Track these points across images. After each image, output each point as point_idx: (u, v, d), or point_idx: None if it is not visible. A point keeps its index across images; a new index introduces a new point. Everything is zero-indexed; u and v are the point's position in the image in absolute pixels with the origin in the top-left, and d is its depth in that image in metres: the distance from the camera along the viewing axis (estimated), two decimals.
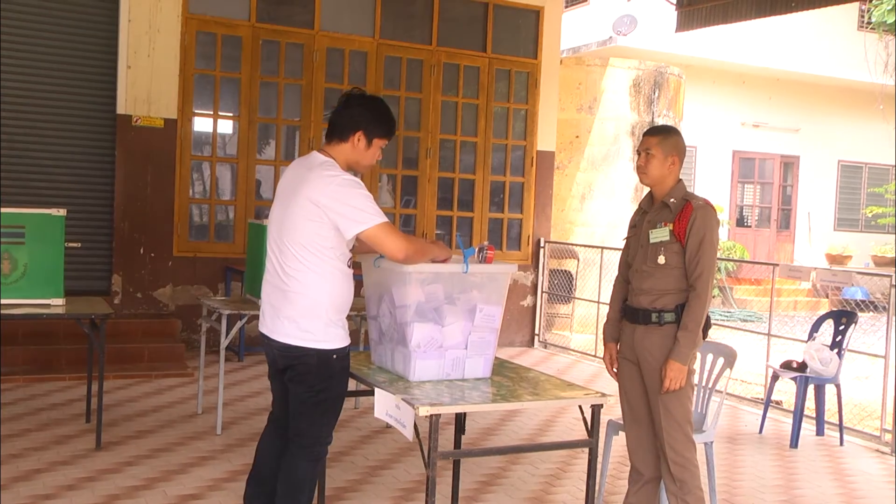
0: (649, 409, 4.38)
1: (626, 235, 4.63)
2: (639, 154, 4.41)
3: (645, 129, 5.20)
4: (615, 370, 4.56)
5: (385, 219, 3.86)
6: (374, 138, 4.02)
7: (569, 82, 12.52)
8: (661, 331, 4.28)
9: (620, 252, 4.67)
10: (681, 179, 4.39)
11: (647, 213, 4.42)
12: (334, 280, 3.89)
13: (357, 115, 3.98)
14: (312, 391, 3.95)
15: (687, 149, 4.49)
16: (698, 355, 4.67)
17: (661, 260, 4.26)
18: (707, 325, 4.33)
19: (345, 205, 3.80)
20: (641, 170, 4.39)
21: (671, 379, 4.17)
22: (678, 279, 4.25)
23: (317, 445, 4.05)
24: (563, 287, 11.62)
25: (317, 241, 3.84)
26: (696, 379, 4.77)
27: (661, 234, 4.28)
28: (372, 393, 3.89)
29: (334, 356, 3.92)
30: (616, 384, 4.56)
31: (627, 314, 4.45)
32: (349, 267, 3.97)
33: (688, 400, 4.32)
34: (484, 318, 4.06)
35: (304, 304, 3.88)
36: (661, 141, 4.34)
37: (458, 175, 10.91)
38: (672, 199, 4.30)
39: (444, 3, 10.65)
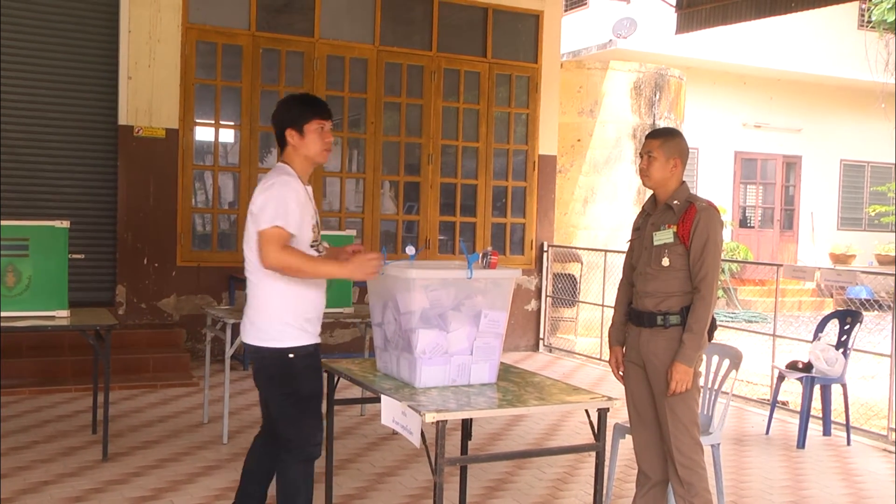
0: (656, 412, 4.37)
1: (629, 238, 4.63)
2: (641, 157, 4.42)
3: (647, 132, 5.21)
4: (621, 373, 4.56)
5: (278, 224, 3.87)
6: (303, 125, 4.05)
7: (569, 86, 12.53)
8: (666, 333, 4.28)
9: (624, 255, 4.67)
10: (684, 181, 4.39)
11: (651, 216, 4.42)
12: (286, 281, 3.95)
13: (278, 119, 4.11)
14: (282, 393, 4.02)
15: (689, 150, 4.49)
16: (704, 357, 4.66)
17: (666, 262, 4.26)
18: (713, 327, 4.33)
19: (260, 203, 3.95)
20: (644, 172, 4.39)
21: (677, 381, 4.17)
22: (683, 281, 4.25)
23: (306, 447, 4.07)
24: (567, 291, 11.62)
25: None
26: (701, 381, 4.76)
27: (664, 237, 4.28)
28: (378, 400, 3.89)
29: (290, 355, 3.97)
30: (622, 387, 4.56)
31: (632, 317, 4.45)
32: None
33: (694, 402, 4.31)
34: (489, 324, 4.05)
35: (258, 305, 4.02)
36: (662, 144, 4.34)
37: (461, 180, 10.92)
38: (675, 202, 4.30)
39: (443, 9, 10.67)
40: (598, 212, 12.74)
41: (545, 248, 11.30)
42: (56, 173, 9.19)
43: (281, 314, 3.96)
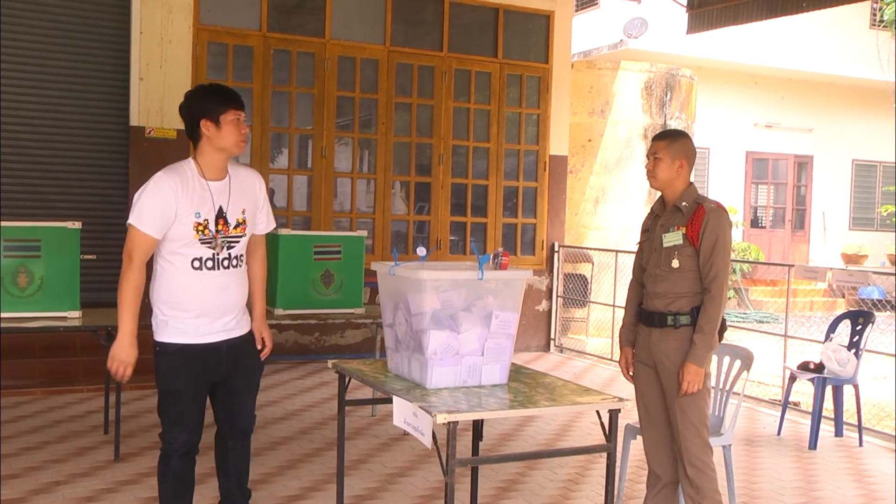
0: (666, 412, 4.38)
1: (639, 240, 4.63)
2: (648, 158, 4.44)
3: (653, 132, 5.23)
4: (631, 374, 4.57)
5: (132, 220, 3.91)
6: (219, 116, 4.01)
7: (580, 86, 12.52)
8: (676, 334, 4.28)
9: (634, 255, 4.68)
10: (692, 183, 4.41)
11: (660, 217, 4.42)
12: (163, 275, 4.01)
13: (189, 109, 4.04)
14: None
15: (700, 150, 4.49)
16: (714, 358, 4.66)
17: (675, 264, 4.27)
18: (723, 328, 4.33)
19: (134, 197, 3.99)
20: (650, 174, 4.42)
21: (688, 382, 4.18)
22: (692, 282, 4.26)
23: (165, 442, 4.15)
24: (578, 291, 11.61)
25: None
26: (712, 382, 4.75)
27: (674, 238, 4.29)
28: (389, 401, 3.89)
29: (157, 349, 4.03)
30: (631, 390, 4.56)
31: (643, 318, 4.45)
32: (196, 267, 3.97)
33: (704, 403, 4.31)
34: (500, 325, 4.05)
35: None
36: (668, 145, 4.36)
37: (471, 181, 10.91)
38: (684, 203, 4.32)
39: (454, 10, 10.66)
40: (609, 212, 12.72)
41: (556, 249, 11.29)
42: (68, 174, 9.22)
43: (157, 305, 4.02)
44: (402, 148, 10.52)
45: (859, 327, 7.19)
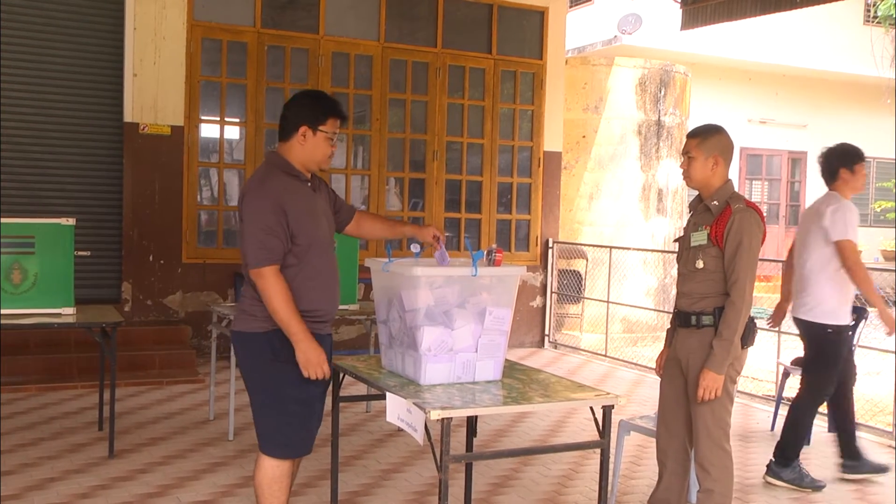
0: (679, 409, 4.40)
1: (677, 237, 4.62)
2: (682, 157, 4.38)
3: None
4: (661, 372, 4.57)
5: (850, 235, 5.82)
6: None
7: (574, 82, 12.52)
8: (699, 333, 4.26)
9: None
10: (729, 180, 4.32)
11: (693, 215, 4.40)
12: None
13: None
14: None
15: (732, 146, 4.35)
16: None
17: (700, 264, 4.23)
18: (751, 333, 4.29)
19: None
20: (685, 174, 4.35)
21: (704, 388, 4.15)
22: (717, 283, 4.22)
23: None
24: (573, 287, 11.61)
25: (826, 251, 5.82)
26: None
27: (699, 238, 4.25)
28: (383, 397, 3.89)
29: (829, 330, 5.89)
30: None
31: (674, 316, 4.45)
32: None
33: (722, 407, 4.26)
34: (494, 321, 4.05)
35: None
36: (700, 142, 4.27)
37: (466, 177, 10.91)
38: (714, 202, 4.25)
39: (448, 6, 10.66)
40: (603, 208, 12.72)
41: (550, 245, 11.29)
42: (62, 171, 9.21)
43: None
44: (397, 144, 10.52)
45: (853, 323, 7.19)
